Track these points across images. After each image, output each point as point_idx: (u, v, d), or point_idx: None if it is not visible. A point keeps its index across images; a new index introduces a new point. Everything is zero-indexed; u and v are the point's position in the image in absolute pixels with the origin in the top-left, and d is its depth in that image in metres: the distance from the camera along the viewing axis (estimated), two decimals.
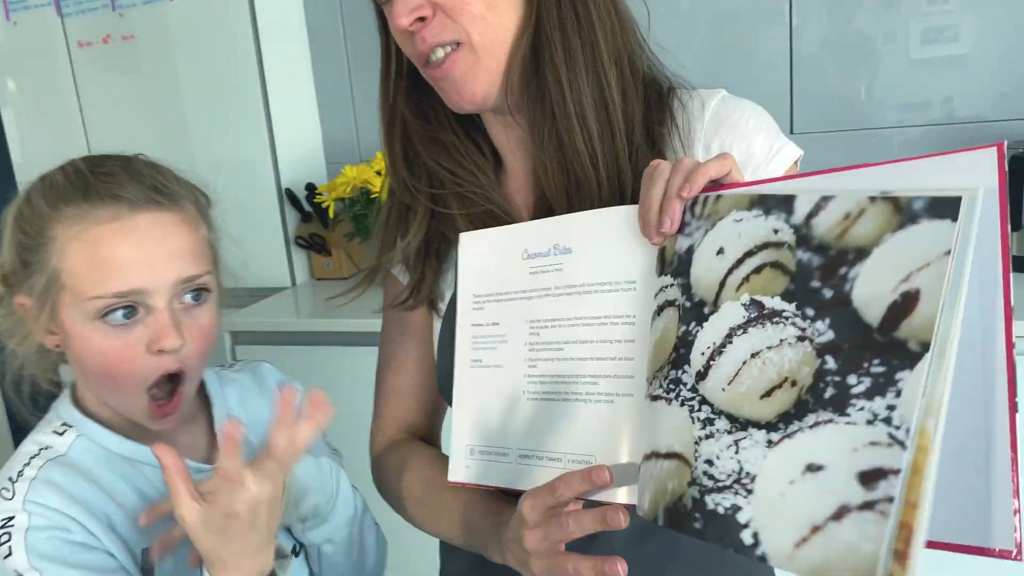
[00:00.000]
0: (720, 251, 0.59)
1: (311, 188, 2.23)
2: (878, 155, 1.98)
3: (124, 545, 0.74)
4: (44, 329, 0.76)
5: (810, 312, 0.52)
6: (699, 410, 0.56)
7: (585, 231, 0.68)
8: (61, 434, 0.76)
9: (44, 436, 0.77)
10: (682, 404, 0.57)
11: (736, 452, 0.53)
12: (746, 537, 0.51)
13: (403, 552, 1.08)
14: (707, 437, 0.55)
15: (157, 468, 0.66)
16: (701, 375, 0.57)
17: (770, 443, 0.52)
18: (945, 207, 0.48)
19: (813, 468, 0.49)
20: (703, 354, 0.57)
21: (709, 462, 0.54)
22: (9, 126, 2.49)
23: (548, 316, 0.69)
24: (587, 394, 0.65)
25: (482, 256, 0.75)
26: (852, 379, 0.49)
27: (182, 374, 0.75)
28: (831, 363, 0.50)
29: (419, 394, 0.89)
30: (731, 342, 0.56)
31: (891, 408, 0.47)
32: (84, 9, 2.28)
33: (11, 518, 0.69)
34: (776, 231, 0.56)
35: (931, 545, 0.47)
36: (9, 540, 0.67)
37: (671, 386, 0.58)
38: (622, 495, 0.62)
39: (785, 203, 0.56)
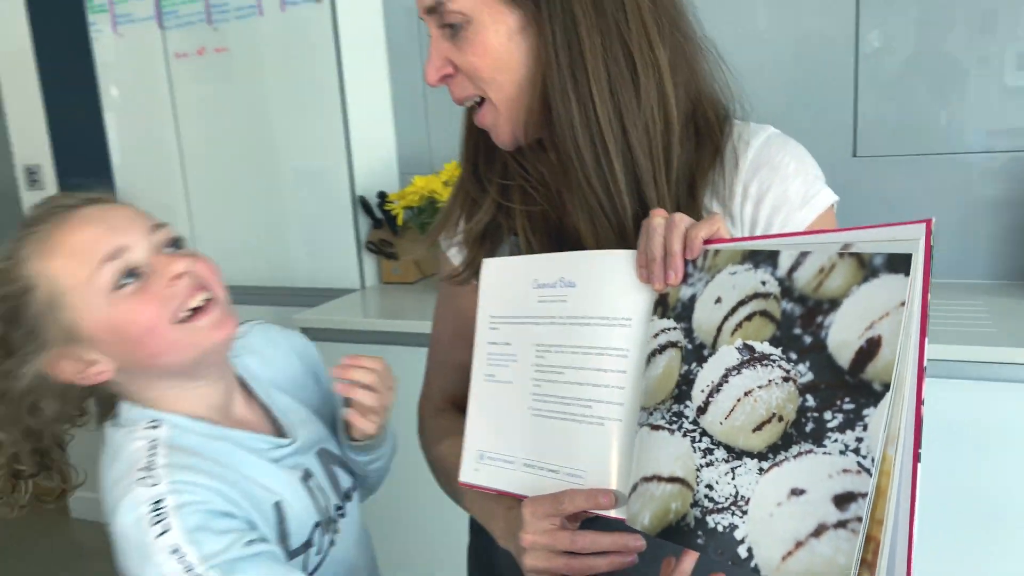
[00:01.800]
0: (718, 300, 0.67)
1: (382, 196, 2.34)
2: (954, 180, 1.97)
3: (255, 504, 0.83)
4: (84, 365, 0.82)
5: (793, 356, 0.60)
6: (700, 441, 0.64)
7: (589, 269, 0.75)
8: (156, 427, 0.83)
9: (142, 433, 0.82)
10: (684, 435, 0.66)
11: (733, 478, 0.61)
12: (742, 552, 0.59)
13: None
14: (707, 465, 0.63)
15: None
16: (701, 410, 0.65)
17: (761, 470, 0.60)
18: (899, 263, 0.56)
19: (797, 492, 0.57)
20: (703, 391, 0.65)
21: (709, 487, 0.63)
22: (111, 130, 2.68)
23: (552, 342, 0.77)
24: (581, 416, 0.73)
25: (500, 281, 0.83)
26: (828, 415, 0.57)
27: (206, 292, 0.83)
28: (811, 401, 0.58)
29: (463, 372, 0.94)
30: (727, 381, 0.64)
31: (859, 440, 0.55)
32: (183, 23, 2.48)
33: (161, 500, 0.76)
34: (764, 283, 0.64)
35: None
36: (164, 519, 0.75)
37: (673, 418, 0.67)
38: (612, 511, 0.71)
39: (771, 258, 0.64)
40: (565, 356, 0.76)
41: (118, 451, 0.83)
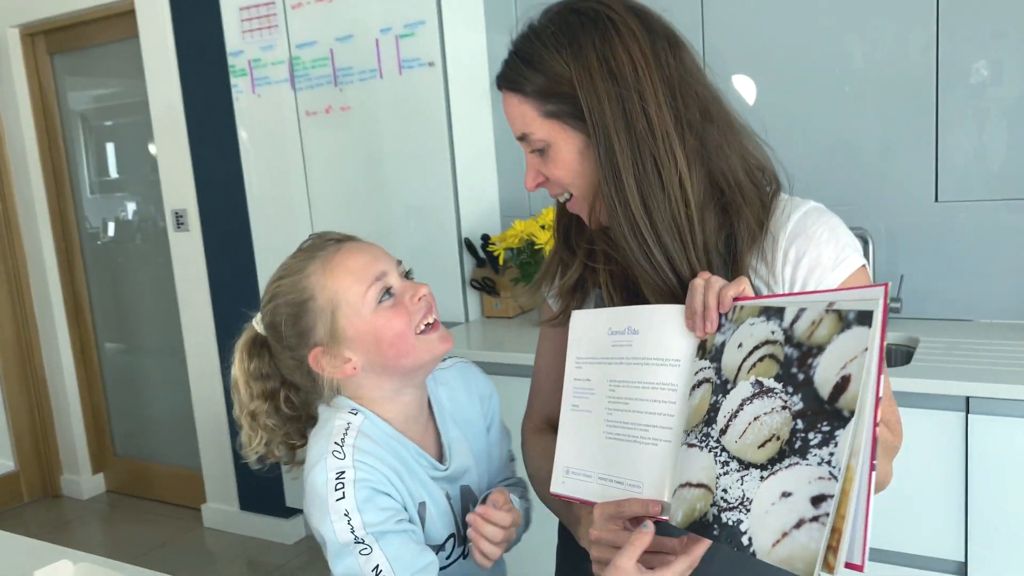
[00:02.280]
0: (740, 345, 0.85)
1: (485, 238, 2.61)
2: None
3: (411, 497, 1.06)
4: (341, 362, 1.04)
5: (790, 389, 0.78)
6: (720, 455, 0.82)
7: (648, 319, 0.94)
8: (355, 415, 1.05)
9: (344, 416, 1.05)
10: (709, 451, 0.83)
11: (742, 484, 0.79)
12: (744, 540, 0.76)
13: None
14: (724, 474, 0.81)
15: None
16: (722, 431, 0.83)
17: (762, 478, 0.77)
18: (865, 317, 0.73)
19: (786, 495, 0.74)
20: (725, 417, 0.83)
21: (725, 491, 0.80)
22: (247, 179, 3.06)
23: (621, 378, 0.95)
24: (641, 438, 0.91)
25: (584, 329, 1.02)
26: (811, 435, 0.74)
27: (434, 314, 1.08)
28: (800, 424, 0.76)
29: (558, 398, 1.07)
30: (742, 409, 0.82)
31: (831, 454, 0.72)
32: (313, 85, 2.83)
33: (344, 472, 0.99)
34: (772, 332, 0.82)
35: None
36: (343, 487, 0.99)
37: (703, 438, 0.85)
38: (662, 517, 0.88)
39: (779, 313, 0.82)
40: (630, 390, 0.94)
41: (324, 425, 1.07)
